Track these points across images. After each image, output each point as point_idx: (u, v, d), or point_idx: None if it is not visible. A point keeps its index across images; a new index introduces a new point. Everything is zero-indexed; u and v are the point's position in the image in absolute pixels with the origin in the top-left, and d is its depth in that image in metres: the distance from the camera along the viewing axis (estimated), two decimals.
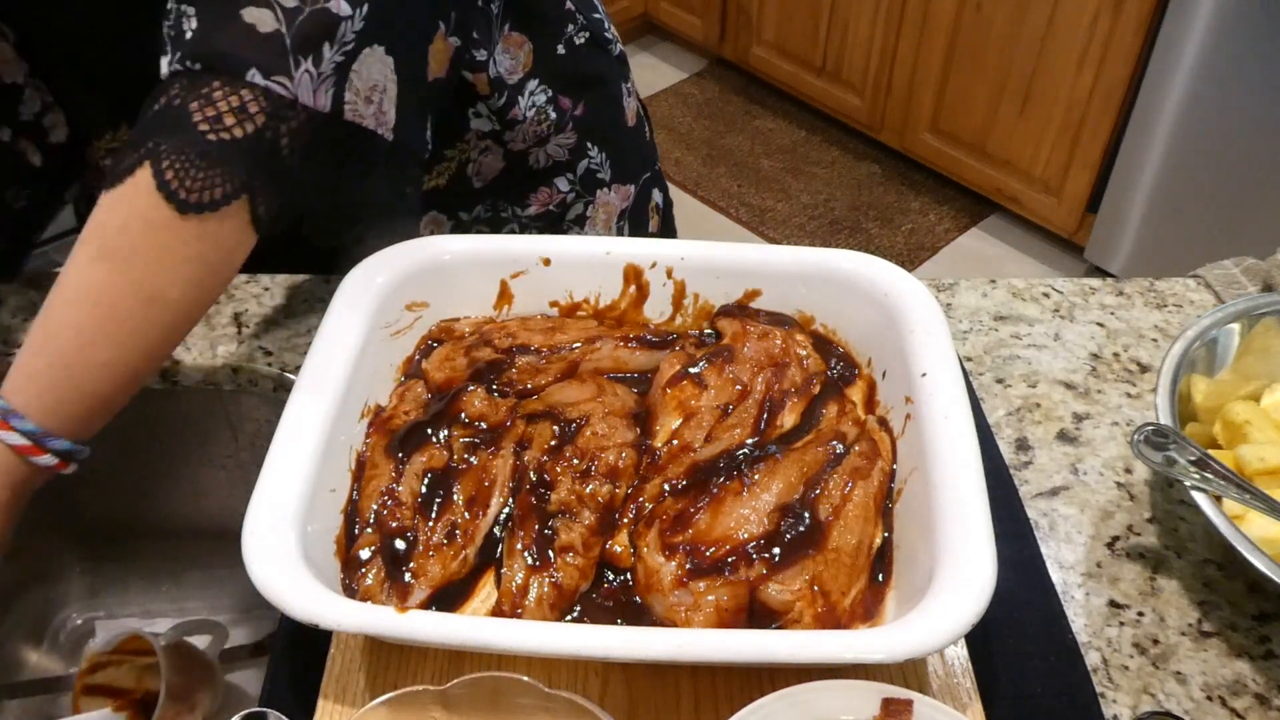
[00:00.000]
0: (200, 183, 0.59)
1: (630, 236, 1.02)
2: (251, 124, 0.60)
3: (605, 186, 0.97)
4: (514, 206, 0.94)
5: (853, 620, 0.58)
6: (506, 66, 0.84)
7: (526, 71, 0.86)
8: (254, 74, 0.60)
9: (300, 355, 0.66)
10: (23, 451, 0.60)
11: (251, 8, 0.61)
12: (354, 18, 0.63)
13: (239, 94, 0.60)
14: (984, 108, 2.47)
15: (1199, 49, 2.00)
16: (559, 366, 0.72)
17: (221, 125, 0.60)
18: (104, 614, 0.97)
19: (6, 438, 0.59)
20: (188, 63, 0.61)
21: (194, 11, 0.62)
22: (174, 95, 0.61)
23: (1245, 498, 0.63)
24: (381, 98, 0.66)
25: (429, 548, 0.61)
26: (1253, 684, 0.64)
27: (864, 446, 0.65)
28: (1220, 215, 2.15)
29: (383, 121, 0.67)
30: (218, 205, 0.60)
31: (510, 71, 0.84)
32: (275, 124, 0.61)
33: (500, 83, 0.84)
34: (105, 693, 0.83)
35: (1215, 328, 0.74)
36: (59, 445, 0.61)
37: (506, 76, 0.84)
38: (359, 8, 0.63)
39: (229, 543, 0.56)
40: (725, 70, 3.22)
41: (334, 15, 0.62)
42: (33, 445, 0.60)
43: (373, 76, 0.65)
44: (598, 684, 0.61)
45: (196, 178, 0.59)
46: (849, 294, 0.72)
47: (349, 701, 0.60)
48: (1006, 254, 2.59)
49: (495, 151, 0.89)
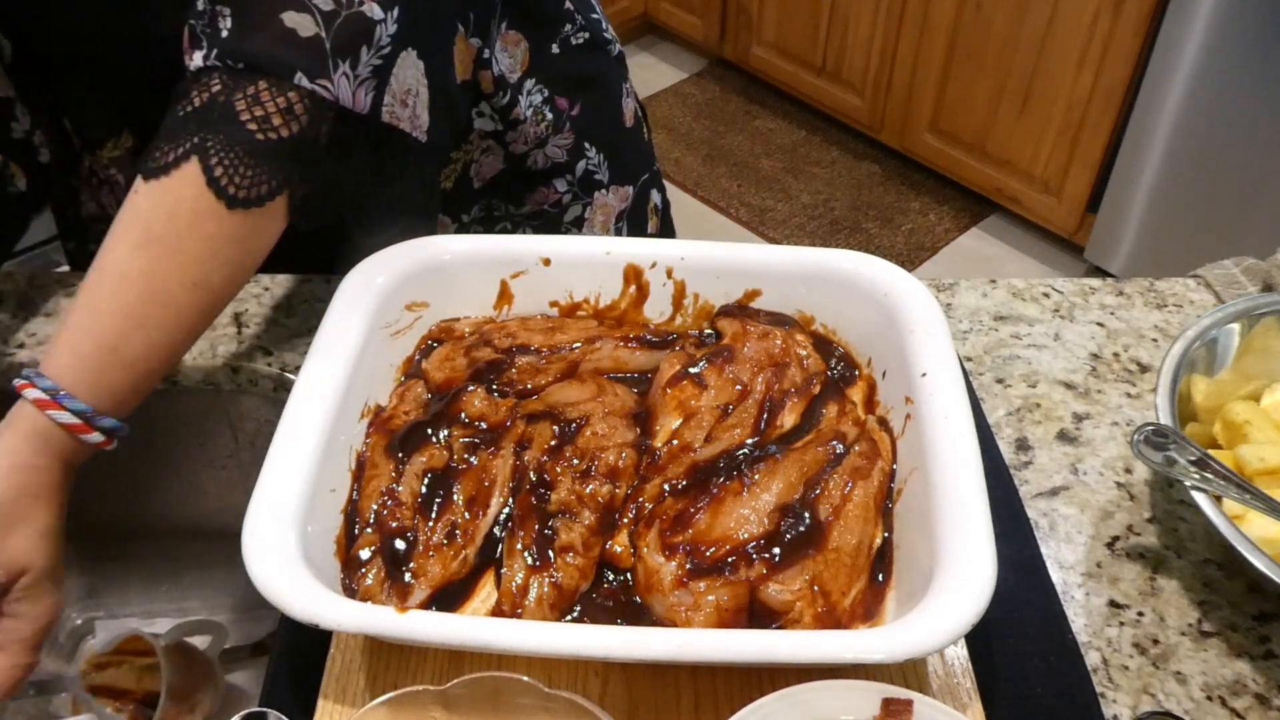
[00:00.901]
0: (249, 180, 0.62)
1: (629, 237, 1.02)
2: (297, 124, 0.63)
3: (603, 188, 0.97)
4: (509, 205, 0.94)
5: (853, 620, 0.58)
6: (506, 65, 0.84)
7: (524, 71, 0.86)
8: (300, 77, 0.62)
9: (300, 355, 0.66)
10: (73, 430, 0.61)
11: (291, 12, 0.62)
12: (386, 21, 0.65)
13: (286, 96, 0.62)
14: (984, 108, 2.47)
15: (1199, 49, 2.00)
16: (559, 366, 0.72)
17: (270, 125, 0.62)
18: (104, 614, 0.97)
19: (58, 416, 0.61)
20: (228, 60, 0.62)
21: (230, 11, 0.63)
22: (216, 91, 0.62)
23: (1245, 498, 0.63)
24: (415, 101, 0.68)
25: (429, 548, 0.61)
26: (1253, 684, 0.64)
27: (864, 446, 0.65)
28: (1220, 215, 2.15)
29: (417, 125, 0.69)
30: (263, 201, 0.63)
31: (510, 70, 0.85)
32: (317, 125, 0.64)
33: (503, 81, 0.84)
34: (105, 693, 0.83)
35: (1215, 328, 0.74)
36: (106, 423, 0.63)
37: (507, 75, 0.84)
38: (390, 10, 0.65)
39: (229, 543, 0.56)
40: (725, 70, 3.22)
41: (369, 19, 0.64)
42: (83, 423, 0.61)
43: (407, 80, 0.67)
44: (598, 684, 0.61)
45: (245, 175, 0.62)
46: (849, 294, 0.72)
47: (349, 701, 0.60)
48: (1006, 254, 2.59)
49: (496, 152, 0.89)
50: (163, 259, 0.62)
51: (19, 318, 0.90)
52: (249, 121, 0.62)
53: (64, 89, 0.85)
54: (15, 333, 0.89)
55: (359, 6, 0.63)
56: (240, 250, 0.65)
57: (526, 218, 0.95)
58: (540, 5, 0.87)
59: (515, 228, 0.95)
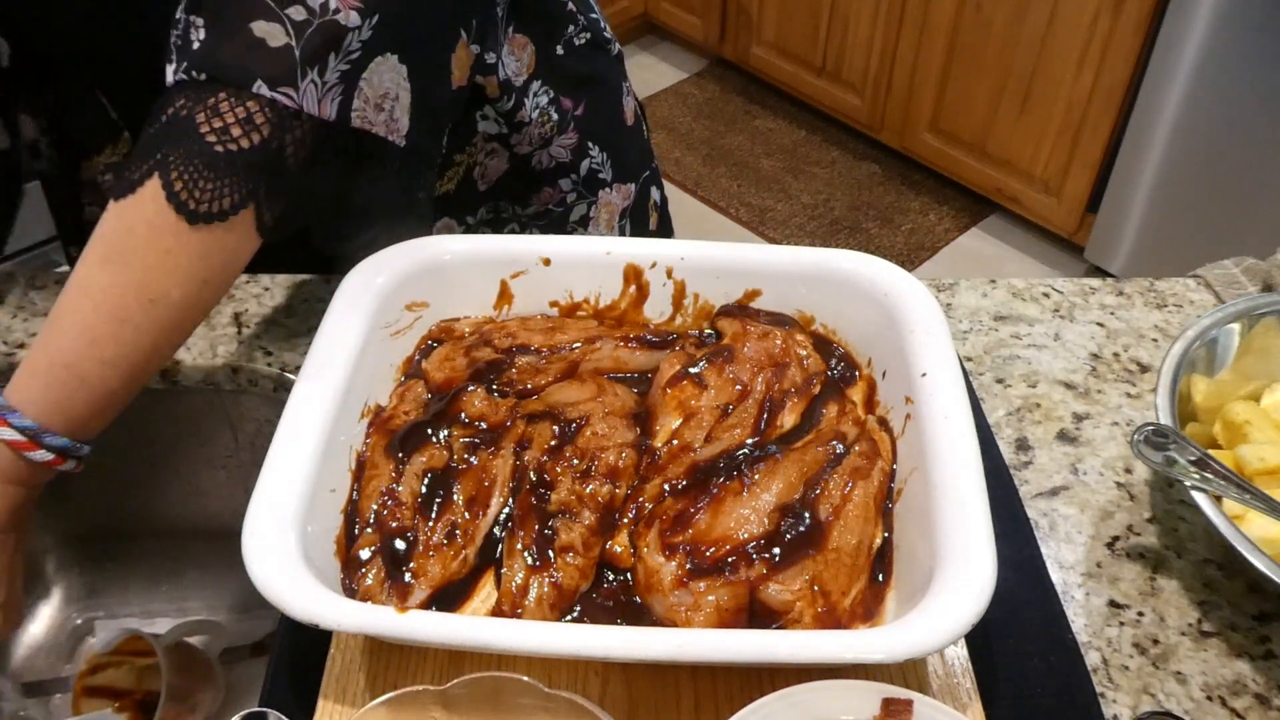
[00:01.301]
0: (209, 193, 0.60)
1: (631, 235, 1.03)
2: (258, 134, 0.61)
3: (607, 186, 0.97)
4: (515, 205, 0.94)
5: (853, 620, 0.58)
6: (513, 69, 0.84)
7: (530, 73, 0.86)
8: (260, 85, 0.61)
9: (300, 355, 0.66)
10: (17, 447, 0.60)
11: (261, 21, 0.61)
12: (362, 28, 0.63)
13: (245, 105, 0.61)
14: (984, 108, 2.47)
15: (1199, 49, 2.00)
16: (559, 366, 0.72)
17: (229, 136, 0.61)
18: (104, 614, 0.97)
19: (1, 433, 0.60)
20: (193, 73, 0.61)
21: (203, 22, 0.62)
22: (180, 106, 0.61)
23: (1245, 498, 0.63)
24: (394, 105, 0.67)
25: (429, 548, 0.61)
26: (1253, 684, 0.64)
27: (864, 446, 0.65)
28: (1220, 215, 2.14)
29: (394, 129, 0.68)
30: (226, 215, 0.61)
31: (516, 74, 0.85)
32: (280, 134, 0.62)
33: (509, 85, 0.84)
34: (105, 693, 0.83)
35: (1215, 328, 0.74)
36: (54, 441, 0.61)
37: (514, 79, 0.85)
38: (369, 18, 0.63)
39: (229, 543, 0.56)
40: (725, 70, 3.22)
41: (342, 26, 0.62)
42: (27, 441, 0.60)
43: (384, 84, 0.66)
44: (598, 684, 0.61)
45: (205, 188, 0.60)
46: (849, 294, 0.72)
47: (349, 701, 0.60)
48: (1006, 254, 2.59)
49: (501, 154, 0.89)
50: (121, 275, 0.61)
51: (19, 318, 0.90)
52: (208, 134, 0.60)
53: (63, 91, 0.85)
54: (15, 333, 0.89)
55: (333, 14, 0.62)
56: (203, 266, 0.63)
57: (533, 218, 0.95)
58: (544, 5, 0.87)
59: (523, 228, 0.95)
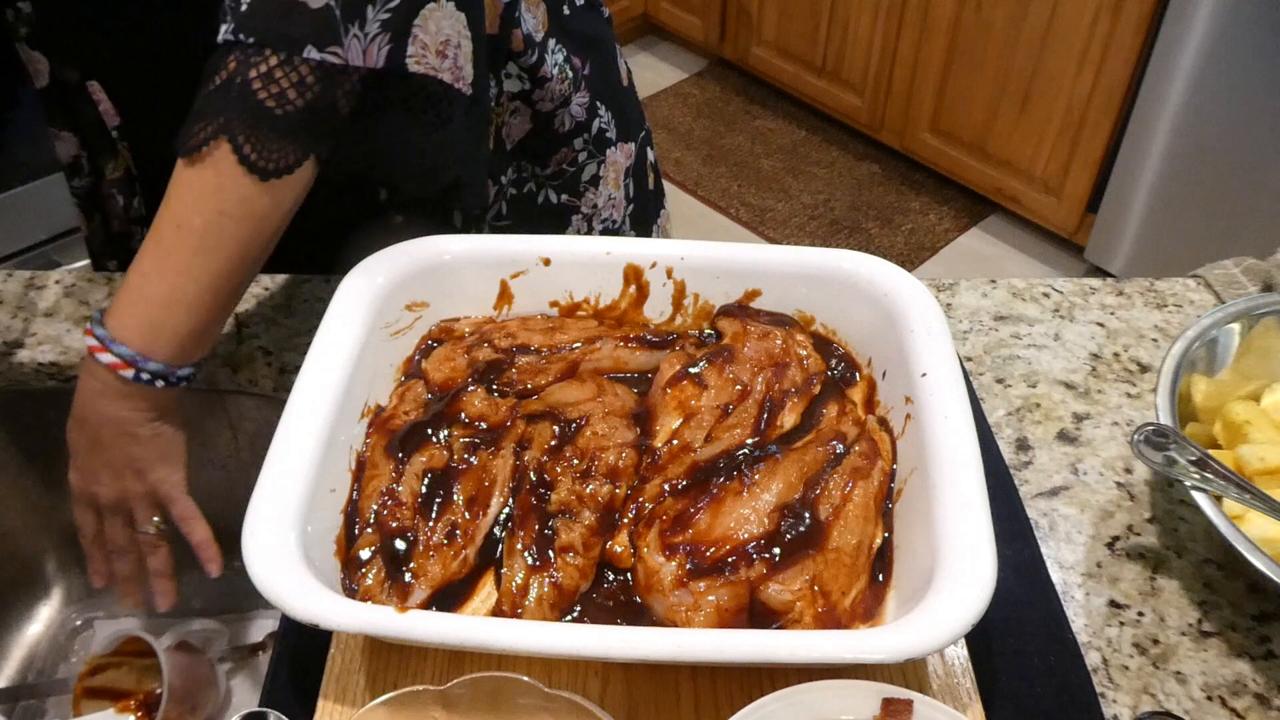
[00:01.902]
0: (275, 152, 0.66)
1: (635, 195, 1.05)
2: (310, 92, 0.66)
3: (613, 145, 1.00)
4: (535, 166, 0.95)
5: (853, 620, 0.58)
6: (531, 24, 0.86)
7: (546, 30, 0.88)
8: (310, 50, 0.64)
9: (300, 355, 0.66)
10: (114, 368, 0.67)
11: None
12: None
13: (298, 70, 0.65)
14: (984, 108, 2.47)
15: (1199, 49, 2.00)
16: (559, 366, 0.72)
17: (286, 100, 0.65)
18: (104, 614, 0.97)
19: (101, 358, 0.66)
20: (241, 35, 0.65)
21: None
22: (233, 69, 0.65)
23: (1245, 498, 0.63)
24: (456, 53, 0.71)
25: (429, 548, 0.61)
26: (1253, 684, 0.64)
27: (864, 446, 0.65)
28: (1220, 215, 2.15)
29: (460, 76, 0.72)
30: (293, 169, 0.67)
31: (534, 30, 0.86)
32: (331, 89, 0.66)
33: (530, 40, 0.86)
34: (106, 695, 0.83)
35: (1215, 328, 0.74)
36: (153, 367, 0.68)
37: (533, 34, 0.86)
38: None
39: (229, 543, 0.56)
40: (725, 70, 3.22)
41: None
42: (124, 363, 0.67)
43: (444, 31, 0.69)
44: (598, 684, 0.61)
45: (272, 150, 0.66)
46: (849, 294, 0.72)
47: (349, 701, 0.60)
48: (1006, 254, 2.59)
49: (523, 113, 0.91)
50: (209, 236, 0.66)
51: (19, 318, 0.90)
52: (266, 99, 0.65)
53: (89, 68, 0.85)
54: (15, 333, 0.89)
55: None
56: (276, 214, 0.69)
57: (549, 178, 0.96)
58: None
59: (540, 189, 0.96)
